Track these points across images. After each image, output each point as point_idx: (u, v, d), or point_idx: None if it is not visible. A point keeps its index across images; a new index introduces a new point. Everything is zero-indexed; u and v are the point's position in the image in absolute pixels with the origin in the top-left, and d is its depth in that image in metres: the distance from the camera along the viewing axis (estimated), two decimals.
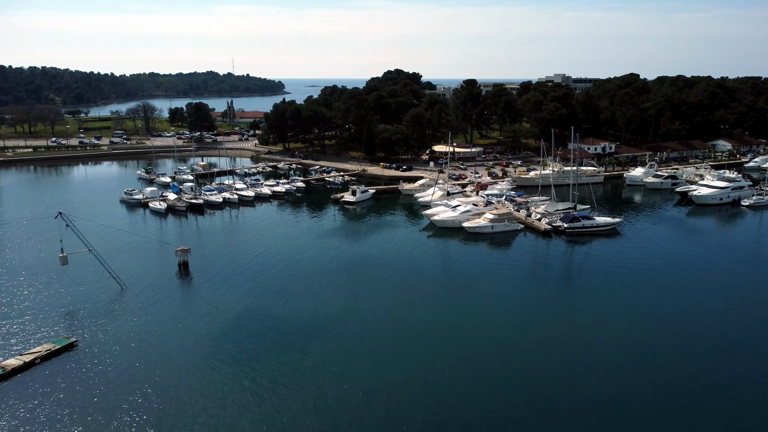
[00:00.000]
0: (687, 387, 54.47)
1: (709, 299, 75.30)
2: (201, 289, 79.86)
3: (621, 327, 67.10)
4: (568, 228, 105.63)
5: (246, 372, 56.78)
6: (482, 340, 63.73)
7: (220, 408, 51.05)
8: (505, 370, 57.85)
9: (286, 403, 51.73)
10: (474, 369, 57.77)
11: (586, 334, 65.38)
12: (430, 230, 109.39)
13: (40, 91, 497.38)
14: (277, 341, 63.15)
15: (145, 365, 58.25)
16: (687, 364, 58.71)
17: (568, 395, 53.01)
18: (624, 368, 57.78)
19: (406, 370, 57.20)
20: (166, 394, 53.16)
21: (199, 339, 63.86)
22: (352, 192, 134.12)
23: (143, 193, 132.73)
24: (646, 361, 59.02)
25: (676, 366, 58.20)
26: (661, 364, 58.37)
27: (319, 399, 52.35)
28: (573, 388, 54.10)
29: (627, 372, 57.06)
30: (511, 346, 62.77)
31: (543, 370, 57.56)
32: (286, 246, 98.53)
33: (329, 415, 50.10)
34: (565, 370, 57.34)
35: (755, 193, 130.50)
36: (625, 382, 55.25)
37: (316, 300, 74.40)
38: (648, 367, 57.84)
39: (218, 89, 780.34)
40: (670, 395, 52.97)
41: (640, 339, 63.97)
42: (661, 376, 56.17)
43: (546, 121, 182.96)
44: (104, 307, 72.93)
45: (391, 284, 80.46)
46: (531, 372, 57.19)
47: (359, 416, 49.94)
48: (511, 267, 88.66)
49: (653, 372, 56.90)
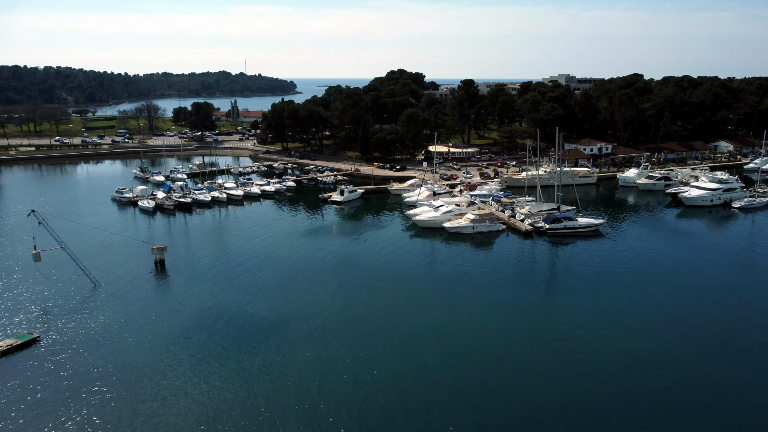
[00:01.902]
0: (672, 391, 53.80)
1: (681, 301, 74.44)
2: (173, 287, 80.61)
3: (591, 330, 66.56)
4: (549, 229, 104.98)
5: (201, 372, 57.20)
6: (449, 341, 63.56)
7: (170, 407, 51.52)
8: (475, 372, 57.37)
9: (240, 402, 52.09)
10: (443, 368, 57.58)
11: (556, 338, 64.86)
12: (412, 230, 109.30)
13: (53, 91, 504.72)
14: (237, 341, 63.50)
15: (101, 363, 58.94)
16: (665, 368, 57.98)
17: (547, 400, 52.37)
18: (597, 372, 57.23)
19: (369, 369, 57.28)
20: (118, 391, 53.77)
21: (160, 338, 64.47)
22: (340, 192, 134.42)
23: (133, 192, 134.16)
24: (621, 365, 58.51)
25: (655, 370, 57.46)
26: (638, 368, 57.80)
27: (272, 399, 52.66)
28: (549, 392, 53.52)
29: (603, 376, 56.47)
30: (480, 348, 62.33)
31: (517, 372, 57.14)
32: (266, 245, 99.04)
33: (283, 414, 50.38)
34: (539, 374, 56.84)
35: (747, 195, 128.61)
36: (606, 387, 54.63)
37: (285, 299, 74.75)
38: (624, 371, 57.33)
39: (230, 89, 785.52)
40: (653, 399, 52.45)
41: (612, 342, 63.44)
42: (638, 379, 55.66)
43: (542, 122, 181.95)
44: (73, 303, 73.89)
45: (363, 284, 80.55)
46: (505, 376, 56.56)
47: (315, 414, 50.16)
48: (487, 267, 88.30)
49: (631, 376, 56.43)
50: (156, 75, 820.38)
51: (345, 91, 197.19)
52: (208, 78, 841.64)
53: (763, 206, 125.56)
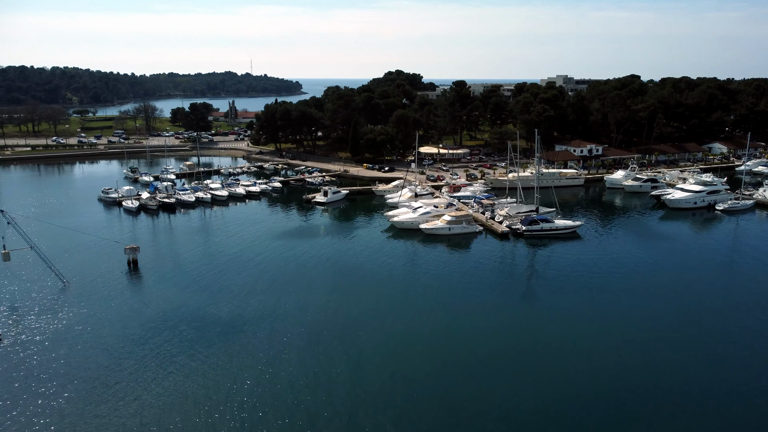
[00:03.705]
0: (651, 393, 53.82)
1: (647, 304, 74.19)
2: (143, 287, 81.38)
3: (557, 332, 66.55)
4: (526, 231, 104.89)
5: (153, 373, 57.70)
6: (408, 340, 63.82)
7: (117, 409, 52.05)
8: (447, 374, 57.35)
9: (190, 405, 52.59)
10: (402, 369, 57.76)
11: (521, 341, 64.89)
12: (390, 232, 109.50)
13: (58, 91, 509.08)
14: (194, 342, 63.85)
15: (56, 363, 59.57)
16: (631, 372, 57.95)
17: (522, 403, 52.38)
18: (569, 374, 57.29)
19: (333, 370, 57.66)
20: (68, 392, 54.39)
21: (117, 338, 64.98)
22: (323, 193, 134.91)
23: (119, 192, 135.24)
24: (588, 366, 58.55)
25: (623, 374, 57.37)
26: (613, 371, 57.87)
27: (220, 401, 53.16)
28: (525, 395, 53.63)
29: (575, 378, 56.53)
30: (446, 351, 62.32)
31: (489, 375, 57.06)
32: (242, 246, 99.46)
33: (236, 414, 50.85)
34: (513, 377, 56.96)
35: (731, 198, 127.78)
36: (578, 389, 54.67)
37: (249, 301, 75.14)
38: (591, 372, 57.46)
39: (235, 89, 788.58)
40: (631, 401, 52.57)
41: (576, 343, 63.50)
42: (607, 382, 55.83)
43: (533, 123, 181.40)
44: (40, 303, 74.71)
45: (335, 285, 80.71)
46: (477, 379, 56.43)
47: (274, 413, 50.61)
48: (461, 269, 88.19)
49: (600, 379, 56.55)
50: (162, 75, 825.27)
51: (336, 91, 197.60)
52: (214, 78, 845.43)
53: (746, 209, 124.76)
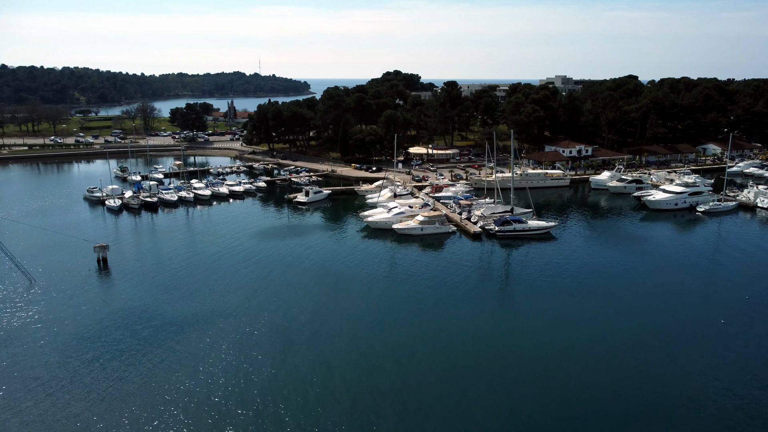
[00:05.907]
0: (631, 396, 53.72)
1: (609, 305, 73.92)
2: (108, 285, 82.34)
3: (525, 334, 66.66)
4: (498, 231, 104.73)
5: (102, 372, 58.44)
6: (370, 340, 64.16)
7: (60, 408, 52.83)
8: (416, 379, 57.48)
9: (138, 405, 53.30)
10: (368, 370, 57.98)
11: (490, 343, 64.87)
12: (364, 231, 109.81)
13: (66, 91, 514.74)
14: (149, 340, 64.41)
15: (5, 361, 60.54)
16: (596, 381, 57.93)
17: (492, 408, 52.24)
18: (539, 376, 57.30)
19: (295, 372, 58.14)
20: (11, 392, 55.28)
21: (68, 336, 65.73)
22: (305, 193, 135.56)
23: (103, 191, 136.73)
24: (556, 369, 58.66)
25: (586, 385, 57.27)
26: (577, 378, 57.87)
27: (178, 399, 53.82)
28: (497, 400, 53.52)
29: (545, 381, 56.45)
30: (408, 351, 62.64)
31: (461, 379, 56.88)
32: (217, 245, 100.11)
33: (189, 414, 51.48)
34: (483, 380, 56.95)
35: (714, 199, 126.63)
36: (552, 392, 54.75)
37: (211, 299, 75.76)
38: (561, 378, 57.13)
39: (243, 89, 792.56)
40: (608, 404, 52.53)
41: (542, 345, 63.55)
42: (578, 385, 55.77)
43: (523, 123, 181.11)
44: (2, 300, 75.80)
45: (301, 285, 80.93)
46: (448, 382, 56.21)
47: (229, 413, 51.19)
48: (430, 269, 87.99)
49: (558, 380, 56.49)
50: (171, 75, 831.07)
51: (327, 92, 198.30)
52: (222, 78, 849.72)
53: (728, 210, 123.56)
